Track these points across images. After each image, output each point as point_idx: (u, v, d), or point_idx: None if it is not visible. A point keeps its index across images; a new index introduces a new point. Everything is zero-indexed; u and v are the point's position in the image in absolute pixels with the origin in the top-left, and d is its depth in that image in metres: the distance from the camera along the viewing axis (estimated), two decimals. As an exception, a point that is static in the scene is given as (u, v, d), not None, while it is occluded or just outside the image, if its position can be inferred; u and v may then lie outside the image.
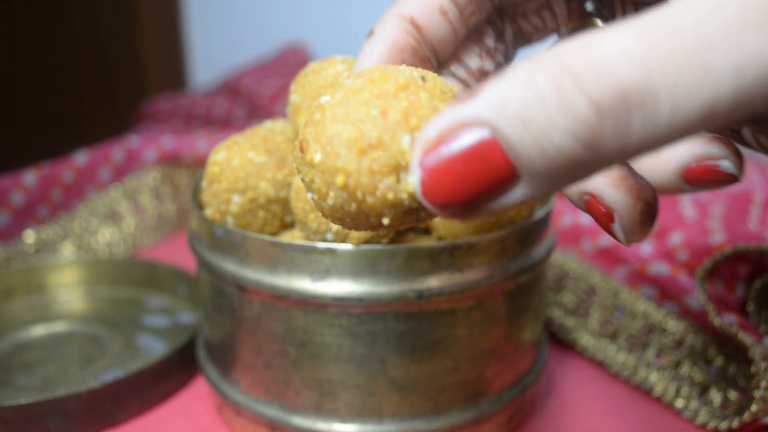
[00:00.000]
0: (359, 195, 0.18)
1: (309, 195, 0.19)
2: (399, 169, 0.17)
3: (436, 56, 0.22)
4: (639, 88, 0.14)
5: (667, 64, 0.13)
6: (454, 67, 0.24)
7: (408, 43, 0.22)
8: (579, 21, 0.24)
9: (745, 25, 0.13)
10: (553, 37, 0.25)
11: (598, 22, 0.24)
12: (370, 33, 0.22)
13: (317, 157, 0.18)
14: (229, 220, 0.33)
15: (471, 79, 0.24)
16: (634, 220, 0.20)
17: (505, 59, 0.25)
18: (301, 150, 0.18)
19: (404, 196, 0.18)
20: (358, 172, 0.17)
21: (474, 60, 0.24)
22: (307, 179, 0.19)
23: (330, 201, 0.18)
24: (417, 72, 0.19)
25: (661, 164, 0.22)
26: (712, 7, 0.13)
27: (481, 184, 0.15)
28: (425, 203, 0.16)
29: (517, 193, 0.16)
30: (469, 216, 0.16)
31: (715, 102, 0.14)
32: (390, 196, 0.18)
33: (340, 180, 0.18)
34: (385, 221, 0.18)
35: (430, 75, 0.19)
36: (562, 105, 0.14)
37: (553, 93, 0.14)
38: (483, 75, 0.24)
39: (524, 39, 0.26)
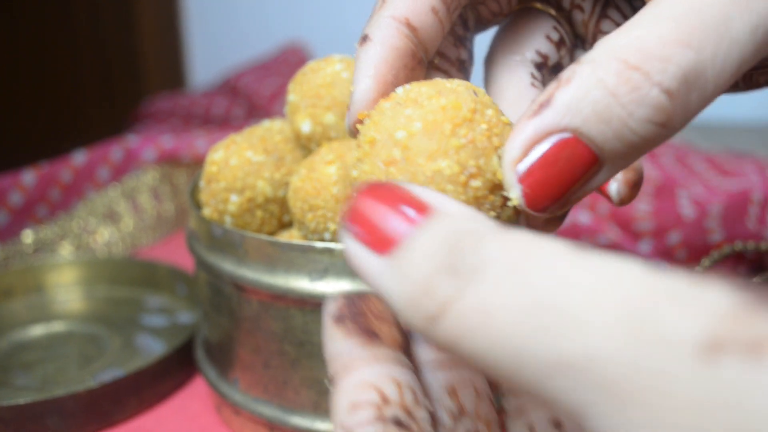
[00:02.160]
0: None
1: None
2: (496, 188, 0.18)
3: (426, 55, 0.22)
4: (694, 69, 0.16)
5: (706, 44, 0.16)
6: (437, 60, 0.24)
7: (407, 47, 0.21)
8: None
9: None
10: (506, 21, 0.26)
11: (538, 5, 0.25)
12: (365, 38, 0.21)
13: None
14: (228, 219, 0.33)
15: (452, 69, 0.24)
16: (627, 184, 0.24)
17: (471, 45, 0.25)
18: None
19: (509, 212, 0.19)
20: (466, 202, 0.18)
21: (451, 50, 0.24)
22: None
23: None
24: (465, 86, 0.19)
25: None
26: None
27: (573, 180, 0.17)
28: (529, 211, 0.18)
29: (601, 177, 0.18)
30: (563, 209, 0.18)
31: (742, 62, 0.17)
32: (492, 214, 0.19)
33: None
34: None
35: (471, 85, 0.19)
36: (636, 97, 0.16)
37: (625, 88, 0.16)
38: (461, 64, 0.24)
39: (482, 25, 0.26)
